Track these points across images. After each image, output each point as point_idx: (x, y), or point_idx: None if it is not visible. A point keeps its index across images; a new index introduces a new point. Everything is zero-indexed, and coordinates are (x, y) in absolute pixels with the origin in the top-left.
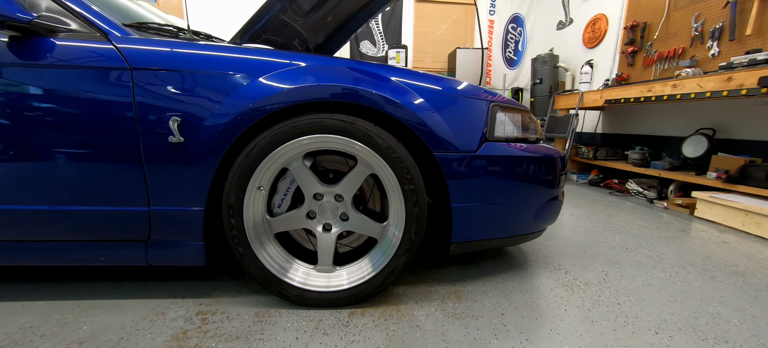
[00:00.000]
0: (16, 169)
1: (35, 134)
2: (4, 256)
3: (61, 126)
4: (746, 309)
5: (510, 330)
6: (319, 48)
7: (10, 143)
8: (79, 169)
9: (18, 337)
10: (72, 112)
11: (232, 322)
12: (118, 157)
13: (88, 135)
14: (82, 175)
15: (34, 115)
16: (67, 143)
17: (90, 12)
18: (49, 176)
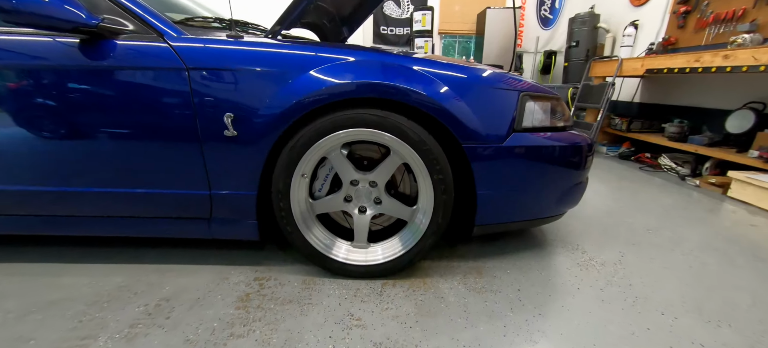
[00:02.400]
0: (109, 160)
1: (116, 130)
2: (105, 227)
3: (137, 123)
4: (759, 294)
5: (525, 304)
6: (346, 20)
7: (93, 135)
8: (150, 159)
9: (116, 294)
10: (139, 108)
11: (284, 287)
12: (182, 149)
13: (155, 128)
14: (153, 164)
15: (105, 111)
16: (138, 134)
17: (147, 13)
18: (124, 161)
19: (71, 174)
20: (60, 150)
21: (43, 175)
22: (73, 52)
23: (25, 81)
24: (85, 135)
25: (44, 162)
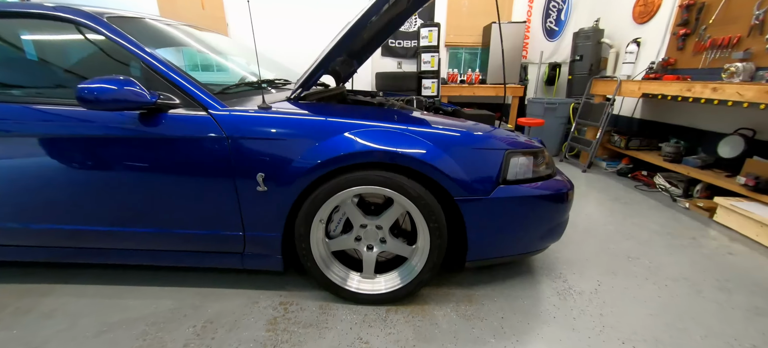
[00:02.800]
0: (163, 207)
1: (169, 185)
2: (161, 258)
3: (186, 179)
4: (713, 327)
5: (506, 331)
6: (356, 54)
7: (156, 191)
8: (197, 207)
9: (170, 316)
10: (189, 167)
11: (304, 312)
12: (223, 200)
13: (202, 185)
14: (199, 211)
15: (162, 169)
16: (189, 189)
17: (193, 88)
18: (173, 210)
19: (135, 218)
20: (129, 200)
21: (117, 219)
22: (135, 123)
23: (100, 146)
24: (147, 189)
25: (117, 209)
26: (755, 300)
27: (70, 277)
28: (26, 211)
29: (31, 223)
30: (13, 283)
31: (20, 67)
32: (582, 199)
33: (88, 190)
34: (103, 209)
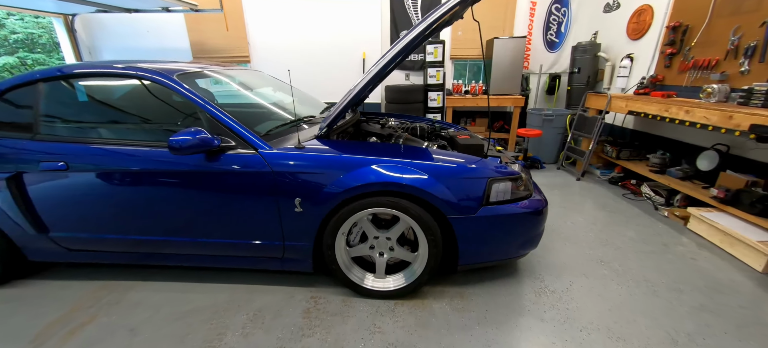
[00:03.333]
0: (217, 223)
1: (225, 206)
2: (219, 261)
3: (240, 202)
4: (659, 319)
5: (488, 321)
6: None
7: (217, 211)
8: (249, 223)
9: (227, 307)
10: (246, 193)
11: (330, 304)
12: (268, 219)
13: (254, 206)
14: (251, 226)
15: (223, 194)
16: (242, 210)
17: (245, 132)
18: (230, 225)
19: (201, 232)
20: (197, 218)
21: (188, 232)
22: (202, 161)
23: (175, 177)
24: (212, 211)
25: (188, 224)
26: (702, 299)
27: (146, 276)
28: (122, 224)
29: (126, 235)
30: (104, 280)
31: (111, 117)
32: (571, 206)
33: (167, 210)
34: (177, 224)
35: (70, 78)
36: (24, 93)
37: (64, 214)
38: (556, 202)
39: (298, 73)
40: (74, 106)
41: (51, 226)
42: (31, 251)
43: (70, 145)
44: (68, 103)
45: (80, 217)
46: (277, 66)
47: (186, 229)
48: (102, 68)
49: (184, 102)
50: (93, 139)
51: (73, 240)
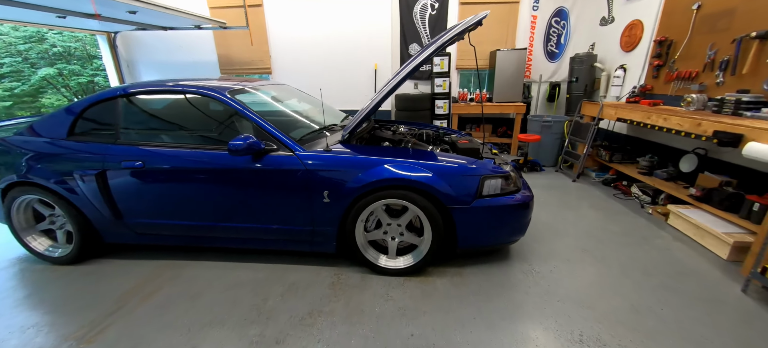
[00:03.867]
0: (253, 211)
1: (265, 196)
2: (259, 244)
3: (280, 194)
4: (625, 295)
5: (481, 294)
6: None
7: (261, 202)
8: (285, 211)
9: (267, 280)
10: (285, 187)
11: (351, 279)
12: (302, 208)
13: (291, 198)
14: (284, 213)
15: (263, 189)
16: (281, 200)
17: (284, 138)
18: (263, 214)
19: (244, 218)
20: (244, 207)
21: (236, 218)
22: (249, 161)
23: (226, 174)
24: (255, 201)
25: (236, 212)
26: (667, 281)
27: (197, 257)
28: (182, 212)
29: (184, 221)
30: (163, 260)
31: (162, 126)
32: (564, 204)
33: (219, 200)
34: (227, 212)
35: (144, 93)
36: (107, 106)
37: (135, 204)
38: (551, 201)
39: (315, 82)
40: (146, 117)
41: (125, 214)
42: (108, 234)
43: (144, 148)
44: (142, 114)
45: (148, 206)
46: (295, 76)
47: (234, 215)
48: (172, 86)
49: (232, 112)
50: (161, 143)
51: (141, 225)
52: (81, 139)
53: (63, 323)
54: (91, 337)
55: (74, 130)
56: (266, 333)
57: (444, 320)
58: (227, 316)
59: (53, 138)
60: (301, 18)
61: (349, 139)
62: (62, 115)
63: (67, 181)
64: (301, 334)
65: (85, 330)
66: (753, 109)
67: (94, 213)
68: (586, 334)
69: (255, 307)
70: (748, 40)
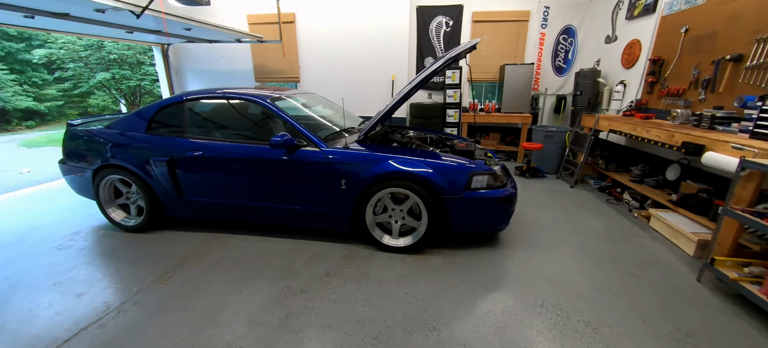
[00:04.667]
0: (286, 194)
1: (295, 182)
2: (286, 221)
3: (305, 181)
4: (592, 277)
5: (468, 269)
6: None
7: (291, 187)
8: (310, 195)
9: (292, 251)
10: (311, 176)
11: (361, 253)
12: (323, 193)
13: (314, 183)
14: (310, 196)
15: (294, 176)
16: (308, 187)
17: (312, 136)
18: (294, 196)
19: (277, 199)
20: (278, 190)
21: (271, 199)
22: (283, 154)
23: (267, 164)
24: (287, 186)
25: (271, 195)
26: (632, 269)
27: (236, 231)
28: (229, 193)
29: (230, 200)
30: (210, 233)
31: (218, 125)
32: (558, 206)
33: (257, 184)
34: (263, 194)
35: (202, 98)
36: (174, 109)
37: (194, 185)
38: (546, 203)
39: (338, 90)
40: (203, 116)
41: (185, 193)
42: (170, 209)
43: (202, 141)
44: (200, 114)
45: (203, 187)
46: (320, 85)
47: (269, 197)
48: (223, 93)
49: (270, 114)
50: (215, 137)
51: (197, 203)
52: (156, 132)
53: (140, 271)
54: (163, 281)
55: (151, 126)
56: (293, 285)
57: (433, 285)
58: (263, 273)
59: (135, 132)
60: (327, 32)
61: (364, 140)
62: (139, 115)
63: (144, 166)
64: (319, 288)
65: (157, 276)
66: (724, 123)
67: (162, 191)
68: (548, 301)
69: (284, 268)
70: (724, 61)
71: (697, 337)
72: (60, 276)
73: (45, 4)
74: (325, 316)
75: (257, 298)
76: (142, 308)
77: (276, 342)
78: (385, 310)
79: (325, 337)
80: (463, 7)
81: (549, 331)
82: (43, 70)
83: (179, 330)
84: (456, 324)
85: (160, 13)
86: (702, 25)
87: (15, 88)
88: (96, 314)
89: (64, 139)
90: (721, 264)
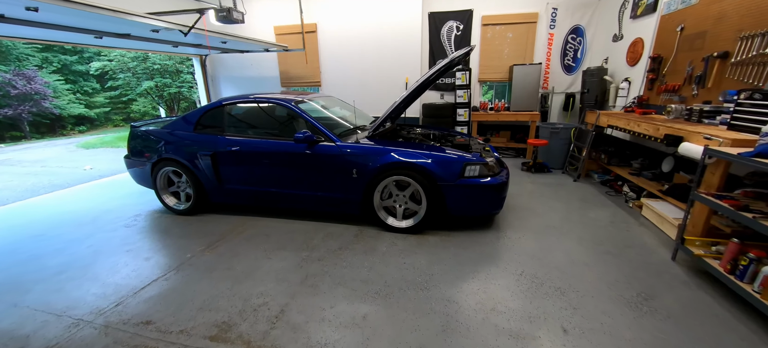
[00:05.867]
0: (307, 182)
1: (315, 172)
2: (305, 205)
3: (323, 171)
4: (572, 255)
5: (460, 246)
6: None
7: (311, 177)
8: (327, 183)
9: (313, 231)
10: (328, 166)
11: (369, 233)
12: (336, 180)
13: (330, 172)
14: (326, 184)
15: (313, 167)
16: (325, 176)
17: (329, 133)
18: (313, 184)
19: (295, 186)
20: (299, 179)
21: (293, 186)
22: (304, 148)
23: (290, 156)
24: (305, 174)
25: (293, 182)
26: (612, 249)
27: (264, 215)
28: (261, 182)
29: (261, 187)
30: (244, 216)
31: (252, 124)
32: (557, 197)
33: (280, 173)
34: (288, 182)
35: (238, 103)
36: (216, 111)
37: (232, 175)
38: (547, 194)
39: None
40: (238, 118)
41: (225, 181)
42: (213, 195)
43: (239, 138)
44: (235, 116)
45: (240, 177)
46: (339, 87)
47: (293, 185)
48: (256, 97)
49: (294, 115)
50: (248, 135)
51: (234, 190)
52: (201, 131)
53: (190, 244)
54: (208, 251)
55: (197, 127)
56: (312, 255)
57: (428, 257)
58: (287, 246)
59: (185, 132)
60: (345, 40)
61: (373, 135)
62: (187, 118)
63: (192, 159)
64: (333, 258)
65: (204, 247)
66: (711, 117)
67: (207, 180)
68: (526, 271)
69: (304, 243)
70: (712, 58)
71: (655, 301)
72: (130, 245)
73: (112, 26)
74: (336, 277)
75: (283, 264)
76: (195, 269)
77: (298, 293)
78: (386, 274)
79: (336, 291)
80: (472, 11)
81: (523, 293)
82: (93, 80)
83: (225, 282)
84: (444, 285)
85: (204, 31)
86: (695, 24)
87: (69, 97)
88: (161, 272)
89: (128, 138)
90: (690, 243)
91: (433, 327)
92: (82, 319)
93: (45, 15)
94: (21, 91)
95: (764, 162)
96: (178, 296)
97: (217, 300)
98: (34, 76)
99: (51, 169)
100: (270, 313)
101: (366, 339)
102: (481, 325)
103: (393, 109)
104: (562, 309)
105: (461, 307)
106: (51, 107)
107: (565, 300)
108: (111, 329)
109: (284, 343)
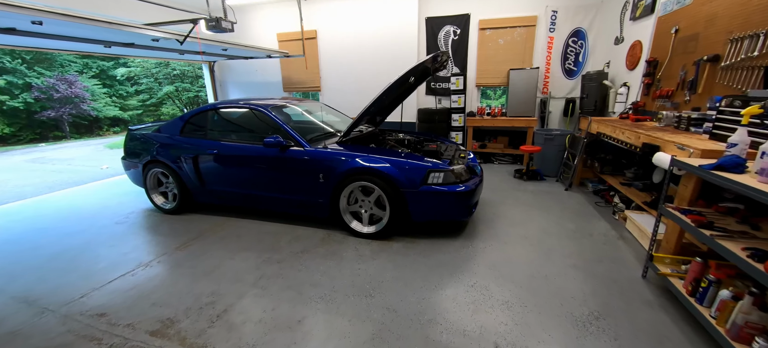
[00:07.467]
0: (278, 185)
1: (285, 176)
2: (276, 207)
3: (293, 175)
4: (533, 266)
5: (423, 253)
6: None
7: (282, 180)
8: (296, 186)
9: (280, 232)
10: (297, 171)
11: (336, 237)
12: (306, 184)
13: (300, 176)
14: (295, 187)
15: (284, 171)
16: (294, 179)
17: (299, 138)
18: (284, 187)
19: (268, 189)
20: (270, 181)
21: (263, 188)
22: (276, 152)
23: (261, 160)
24: (275, 177)
25: (264, 185)
26: (581, 264)
27: (241, 216)
28: (237, 183)
29: (238, 189)
30: (223, 216)
31: (232, 129)
32: (540, 206)
33: (254, 176)
34: (259, 185)
35: (221, 107)
36: (201, 115)
37: (212, 176)
38: (531, 203)
39: (353, 97)
40: (221, 122)
41: (207, 183)
42: (197, 196)
43: (217, 142)
44: (218, 120)
45: (218, 178)
46: (337, 92)
47: (266, 187)
48: (235, 103)
49: (270, 120)
50: (228, 139)
51: (215, 191)
52: (186, 135)
53: (169, 241)
54: (181, 248)
55: (183, 130)
56: (273, 257)
57: (384, 264)
58: (253, 247)
59: (172, 135)
60: (344, 46)
61: (345, 141)
62: (176, 121)
63: (177, 161)
64: (292, 260)
65: (179, 244)
66: (698, 124)
67: (190, 181)
68: (479, 283)
69: (271, 245)
70: (703, 62)
71: (607, 320)
72: (115, 240)
73: (117, 37)
74: (289, 280)
75: (244, 264)
76: (163, 265)
77: (246, 294)
78: (337, 279)
79: (283, 294)
80: (469, 16)
81: (467, 306)
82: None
83: (184, 280)
84: (389, 293)
85: (197, 39)
86: (688, 26)
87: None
88: (132, 266)
89: (125, 140)
90: (659, 261)
91: (364, 335)
92: (48, 307)
93: (51, 27)
94: (63, 94)
95: (721, 175)
96: (138, 291)
97: (171, 297)
98: (75, 81)
99: (75, 167)
100: (213, 312)
101: (292, 343)
102: (412, 336)
103: (355, 120)
104: (502, 324)
105: (399, 316)
106: (89, 109)
107: (508, 315)
108: (68, 319)
109: (216, 342)
